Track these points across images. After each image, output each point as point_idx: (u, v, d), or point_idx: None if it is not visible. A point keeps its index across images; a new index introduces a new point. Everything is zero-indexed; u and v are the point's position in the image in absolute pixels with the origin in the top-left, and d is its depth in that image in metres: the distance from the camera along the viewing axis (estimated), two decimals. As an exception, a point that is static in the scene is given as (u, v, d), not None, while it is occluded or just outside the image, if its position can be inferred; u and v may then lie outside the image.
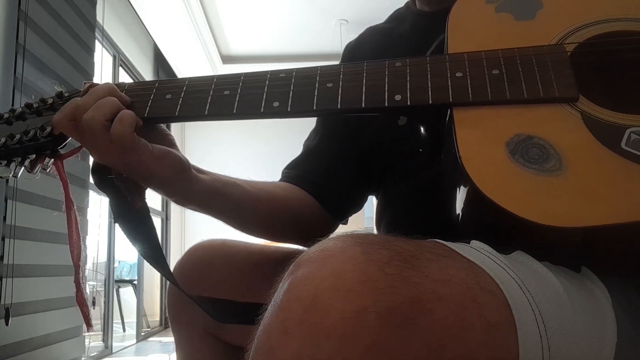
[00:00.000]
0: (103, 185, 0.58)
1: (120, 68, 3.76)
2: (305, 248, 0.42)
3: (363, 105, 0.53)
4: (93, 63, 2.70)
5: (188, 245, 0.74)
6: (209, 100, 0.57)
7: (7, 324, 1.80)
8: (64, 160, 0.59)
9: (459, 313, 0.35)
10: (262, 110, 0.55)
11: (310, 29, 4.43)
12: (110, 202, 0.59)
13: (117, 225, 0.60)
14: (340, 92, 0.54)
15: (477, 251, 0.42)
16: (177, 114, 0.57)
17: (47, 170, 0.59)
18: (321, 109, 0.54)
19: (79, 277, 0.58)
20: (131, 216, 0.59)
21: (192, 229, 5.08)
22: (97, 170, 0.58)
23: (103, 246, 3.49)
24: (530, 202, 0.44)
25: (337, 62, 0.66)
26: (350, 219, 0.84)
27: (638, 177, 0.44)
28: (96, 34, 2.82)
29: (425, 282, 0.36)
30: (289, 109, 0.54)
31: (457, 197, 0.51)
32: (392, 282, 0.34)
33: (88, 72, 2.58)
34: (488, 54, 0.54)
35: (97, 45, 2.87)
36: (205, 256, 0.73)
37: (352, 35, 0.88)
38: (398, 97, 0.53)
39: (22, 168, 0.58)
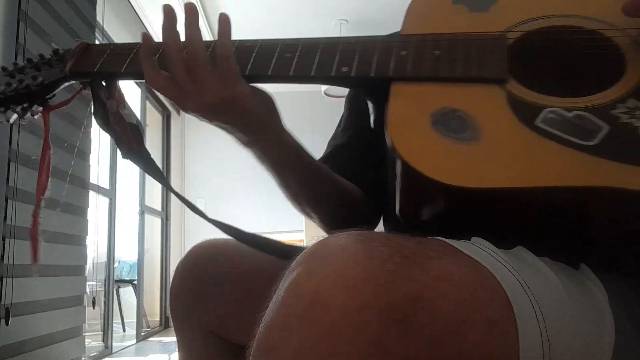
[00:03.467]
0: (106, 127, 0.64)
1: (120, 68, 3.75)
2: (303, 242, 0.43)
3: (312, 73, 0.59)
4: (93, 63, 2.70)
5: (188, 246, 0.74)
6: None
7: (7, 324, 1.81)
8: (52, 110, 0.66)
9: (459, 310, 0.36)
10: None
11: (310, 29, 4.43)
12: (115, 142, 0.65)
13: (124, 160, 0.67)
14: (295, 60, 0.60)
15: (478, 248, 0.42)
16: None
17: (35, 117, 0.66)
18: (274, 75, 0.60)
19: (37, 211, 0.67)
20: (134, 152, 0.65)
21: (192, 229, 5.07)
22: (98, 114, 0.64)
23: (103, 246, 3.49)
24: (440, 165, 0.47)
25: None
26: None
27: (543, 149, 0.47)
28: (96, 34, 2.82)
29: (426, 278, 0.36)
30: (247, 73, 0.60)
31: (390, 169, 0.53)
32: (393, 279, 0.34)
33: (88, 72, 2.58)
34: (434, 36, 0.59)
35: (97, 45, 2.87)
36: (208, 254, 0.73)
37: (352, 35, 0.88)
38: (345, 69, 0.58)
39: (15, 114, 0.65)
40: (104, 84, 0.65)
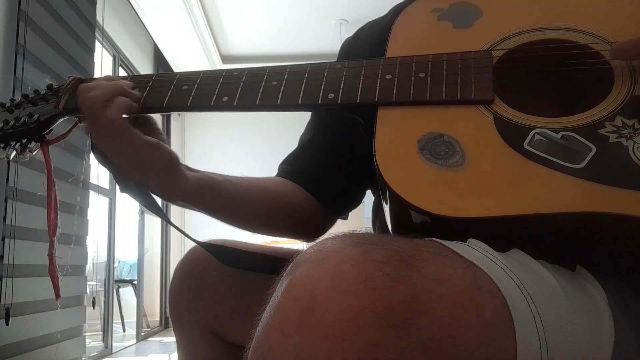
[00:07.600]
0: (103, 162, 0.64)
1: (120, 68, 3.76)
2: (304, 244, 0.43)
3: (299, 102, 0.58)
4: (93, 63, 2.70)
5: (188, 246, 0.74)
6: (168, 94, 0.62)
7: (7, 324, 1.81)
8: (50, 145, 0.67)
9: (456, 313, 0.36)
10: (212, 103, 0.61)
11: (310, 29, 4.43)
12: (112, 175, 0.65)
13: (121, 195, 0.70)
14: (282, 89, 0.59)
15: (475, 250, 0.42)
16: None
17: (34, 154, 0.67)
18: (262, 104, 0.59)
19: (52, 251, 0.68)
20: (132, 187, 0.65)
21: (192, 230, 5.03)
22: (95, 148, 0.63)
23: (103, 246, 3.49)
24: (426, 193, 0.47)
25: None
26: (351, 218, 0.84)
27: (532, 174, 0.46)
28: (96, 34, 2.82)
29: (423, 281, 0.36)
30: (235, 104, 0.60)
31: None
32: (389, 282, 0.34)
33: (88, 72, 2.58)
34: (419, 58, 0.58)
35: (97, 45, 2.87)
36: (205, 256, 0.73)
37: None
38: (331, 96, 0.57)
39: (14, 151, 0.66)
40: None
